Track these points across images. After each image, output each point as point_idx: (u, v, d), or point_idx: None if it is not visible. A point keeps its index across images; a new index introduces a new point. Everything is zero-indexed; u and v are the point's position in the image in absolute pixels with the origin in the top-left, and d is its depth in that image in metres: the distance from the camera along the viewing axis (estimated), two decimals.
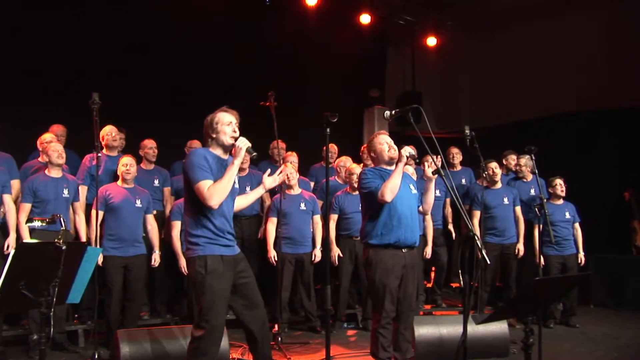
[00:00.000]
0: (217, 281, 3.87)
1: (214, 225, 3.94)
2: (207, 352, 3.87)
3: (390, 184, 4.60)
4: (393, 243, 4.74)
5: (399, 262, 4.75)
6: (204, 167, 3.90)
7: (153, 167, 7.07)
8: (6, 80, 7.18)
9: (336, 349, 6.10)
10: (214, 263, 3.89)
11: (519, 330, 6.16)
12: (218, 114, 4.19)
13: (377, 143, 4.94)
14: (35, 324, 5.58)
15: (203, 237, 3.93)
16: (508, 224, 7.38)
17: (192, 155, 3.97)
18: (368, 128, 11.15)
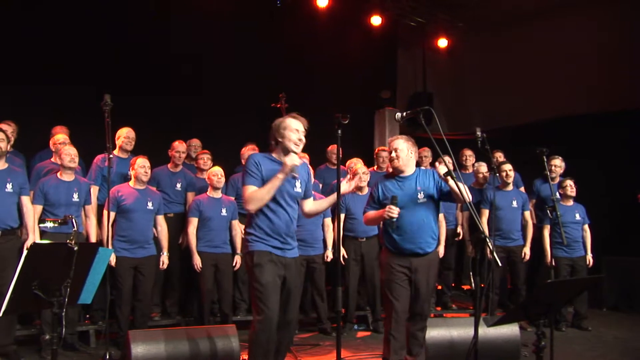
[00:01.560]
0: (264, 274, 4.06)
1: (266, 225, 4.13)
2: (259, 343, 4.04)
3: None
4: (396, 251, 4.79)
5: (407, 265, 4.76)
6: (253, 173, 4.11)
7: (179, 169, 7.08)
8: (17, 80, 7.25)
9: (347, 350, 6.10)
10: (261, 257, 4.09)
11: (530, 333, 6.15)
12: (287, 119, 4.26)
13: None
14: (47, 324, 5.61)
15: (254, 235, 4.15)
16: (513, 227, 7.35)
17: (248, 159, 4.22)
18: (379, 130, 11.13)
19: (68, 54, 7.74)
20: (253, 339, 4.05)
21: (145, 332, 5.21)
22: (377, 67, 11.15)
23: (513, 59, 10.49)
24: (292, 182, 4.22)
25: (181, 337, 5.03)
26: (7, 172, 5.66)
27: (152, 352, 4.86)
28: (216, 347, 5.06)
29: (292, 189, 4.23)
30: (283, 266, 4.17)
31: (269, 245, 4.13)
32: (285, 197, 4.19)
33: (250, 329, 4.09)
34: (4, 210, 5.58)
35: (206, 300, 6.48)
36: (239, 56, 9.01)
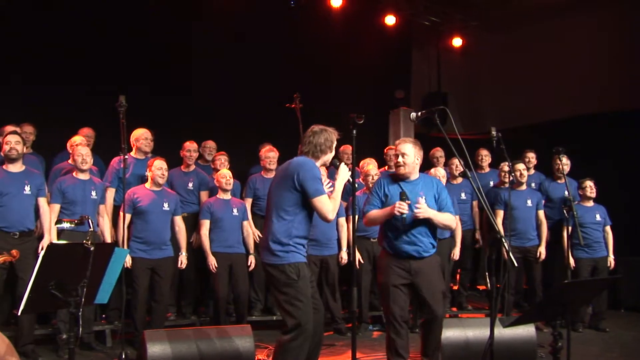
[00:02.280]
0: (306, 285, 4.15)
1: (305, 232, 4.21)
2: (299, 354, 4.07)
3: (372, 217, 4.85)
4: (393, 253, 4.78)
5: (405, 267, 4.73)
6: (320, 180, 4.14)
7: (192, 169, 7.11)
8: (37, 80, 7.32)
9: (361, 351, 6.09)
10: (304, 269, 4.16)
11: (546, 334, 6.11)
12: (333, 135, 4.31)
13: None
14: (64, 324, 5.65)
15: (293, 245, 4.13)
16: (529, 227, 7.30)
17: (312, 168, 4.15)
18: (393, 130, 11.10)
19: (91, 55, 7.83)
20: (291, 349, 4.04)
21: (161, 332, 5.23)
22: (391, 67, 11.11)
23: (527, 58, 10.42)
24: None
25: (197, 337, 5.04)
26: (24, 174, 5.73)
27: (167, 352, 4.88)
28: (231, 347, 5.07)
29: None
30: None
31: (303, 255, 4.19)
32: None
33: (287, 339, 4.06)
34: (22, 212, 5.66)
35: (221, 300, 6.50)
36: (253, 57, 9.02)
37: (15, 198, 5.62)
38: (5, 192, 5.58)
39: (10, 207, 5.59)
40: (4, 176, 5.64)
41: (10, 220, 5.58)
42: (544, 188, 7.84)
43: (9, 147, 5.61)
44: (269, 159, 7.11)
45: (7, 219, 5.58)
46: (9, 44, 7.30)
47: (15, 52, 7.34)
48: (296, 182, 4.09)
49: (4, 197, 5.58)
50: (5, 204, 5.58)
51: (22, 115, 6.64)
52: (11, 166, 5.68)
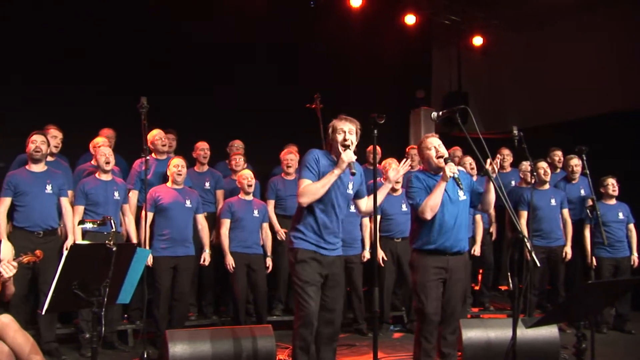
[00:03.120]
0: (305, 270, 4.19)
1: (314, 223, 4.24)
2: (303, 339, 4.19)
3: (430, 203, 4.55)
4: (434, 249, 4.65)
5: (442, 266, 4.65)
6: (311, 167, 4.21)
7: (206, 169, 7.15)
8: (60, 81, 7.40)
9: (383, 351, 6.07)
10: (304, 254, 4.21)
11: (569, 335, 6.06)
12: (334, 121, 4.37)
13: (424, 148, 4.79)
14: (87, 323, 5.71)
15: (300, 232, 4.26)
16: (554, 226, 7.21)
17: (306, 154, 4.31)
18: (414, 129, 11.07)
19: (114, 56, 7.91)
20: (295, 334, 4.19)
21: (183, 331, 5.25)
22: (411, 66, 11.08)
23: (549, 56, 10.33)
24: (345, 182, 4.31)
25: (218, 337, 5.05)
26: (47, 174, 5.81)
27: (189, 352, 4.90)
28: (252, 347, 5.08)
29: (345, 190, 4.34)
30: (326, 264, 4.25)
31: (313, 244, 4.23)
32: (338, 197, 4.29)
33: (294, 324, 4.23)
34: (45, 211, 5.73)
35: (240, 300, 6.52)
36: (273, 57, 9.05)
37: (37, 198, 5.69)
38: (28, 191, 5.66)
39: (32, 207, 5.66)
40: (26, 176, 5.72)
41: (33, 220, 5.65)
42: (560, 189, 7.76)
43: (34, 146, 5.69)
44: (287, 161, 7.13)
45: (30, 218, 5.65)
46: (28, 46, 7.39)
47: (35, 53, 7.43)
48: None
49: (26, 197, 5.65)
50: (28, 204, 5.66)
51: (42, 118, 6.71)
52: (34, 166, 5.76)
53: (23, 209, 5.65)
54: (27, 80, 7.31)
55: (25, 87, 7.30)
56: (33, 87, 7.30)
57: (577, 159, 7.44)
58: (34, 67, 7.36)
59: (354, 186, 4.40)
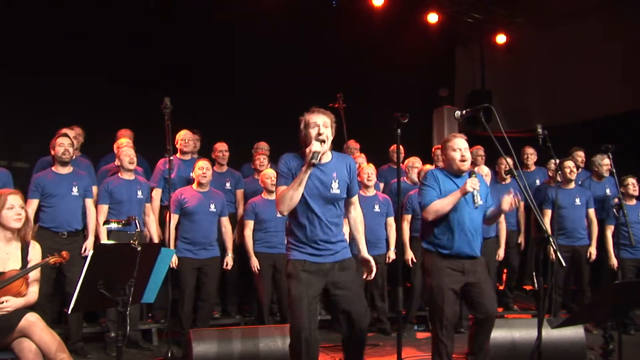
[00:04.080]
0: (295, 285, 3.91)
1: (301, 232, 3.98)
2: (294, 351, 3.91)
3: (438, 207, 4.44)
4: (449, 254, 4.53)
5: (459, 269, 4.53)
6: (283, 172, 3.95)
7: (225, 169, 7.17)
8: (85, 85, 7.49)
9: (407, 351, 6.04)
10: (297, 267, 3.95)
11: (596, 336, 5.97)
12: (305, 115, 4.07)
13: (449, 147, 4.62)
14: (113, 323, 5.77)
15: (291, 242, 4.06)
16: (578, 226, 7.12)
17: (279, 160, 4.02)
18: (437, 128, 11.03)
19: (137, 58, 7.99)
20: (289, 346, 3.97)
21: (207, 331, 5.29)
22: (434, 65, 11.04)
23: (573, 54, 10.23)
24: (327, 184, 3.92)
25: (241, 337, 5.07)
26: (73, 175, 5.88)
27: (213, 351, 4.92)
28: (276, 346, 5.09)
29: (327, 191, 3.93)
30: (323, 273, 3.95)
31: (304, 253, 3.96)
32: (318, 201, 3.92)
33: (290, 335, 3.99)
34: (71, 212, 5.80)
35: (265, 300, 6.53)
36: (296, 57, 9.05)
37: (64, 199, 5.76)
38: (54, 193, 5.73)
39: (58, 208, 5.74)
40: (53, 178, 5.79)
41: (59, 221, 5.73)
42: (585, 188, 7.66)
43: (62, 149, 5.75)
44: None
45: (56, 219, 5.72)
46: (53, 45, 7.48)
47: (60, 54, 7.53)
48: None
49: (52, 198, 5.72)
50: (54, 205, 5.73)
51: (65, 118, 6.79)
52: (60, 168, 5.83)
53: (49, 210, 5.72)
54: (51, 81, 7.40)
55: (48, 88, 7.39)
56: (57, 88, 7.40)
57: (607, 158, 7.34)
58: (57, 68, 7.44)
59: (340, 185, 3.98)
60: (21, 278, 4.04)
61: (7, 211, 4.13)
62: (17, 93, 7.19)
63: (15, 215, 4.16)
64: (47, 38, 7.43)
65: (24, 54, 7.28)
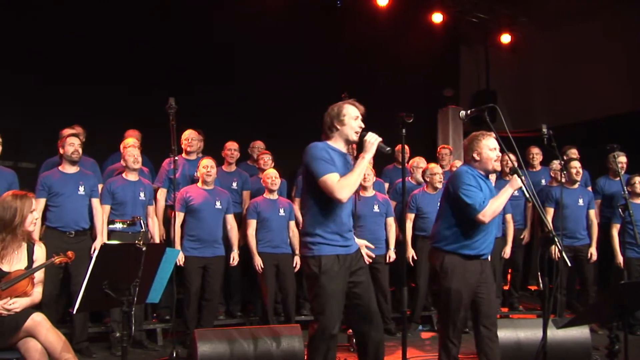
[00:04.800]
0: (331, 281, 3.80)
1: (334, 223, 3.86)
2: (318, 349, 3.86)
3: (494, 208, 4.24)
4: (473, 254, 4.37)
5: (477, 270, 4.40)
6: (328, 159, 3.81)
7: (234, 169, 7.18)
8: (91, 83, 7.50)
9: (411, 351, 6.05)
10: (328, 263, 3.81)
11: (601, 336, 5.96)
12: (345, 105, 4.03)
13: (485, 146, 4.39)
14: (117, 323, 5.78)
15: (320, 236, 3.84)
16: (579, 226, 7.12)
17: (312, 149, 3.88)
18: (442, 128, 11.03)
19: (143, 57, 8.00)
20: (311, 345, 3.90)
21: (211, 331, 5.29)
22: (439, 65, 11.02)
23: (578, 54, 10.20)
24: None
25: (246, 337, 5.07)
26: (79, 175, 5.90)
27: (218, 351, 4.92)
28: (281, 346, 5.09)
29: None
30: (349, 264, 3.90)
31: (336, 246, 3.85)
32: None
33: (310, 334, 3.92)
34: (77, 212, 5.81)
35: (269, 300, 6.53)
36: (300, 57, 9.05)
37: (70, 198, 5.77)
38: (61, 192, 5.74)
39: (65, 208, 5.75)
40: (59, 177, 5.81)
41: (65, 220, 5.74)
42: (600, 186, 7.64)
43: (72, 148, 5.78)
44: None
45: (63, 219, 5.74)
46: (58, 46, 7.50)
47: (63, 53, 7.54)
48: (304, 167, 3.91)
49: (59, 198, 5.74)
50: (61, 204, 5.74)
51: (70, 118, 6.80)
52: (67, 167, 5.84)
53: (56, 209, 5.73)
54: (54, 81, 7.40)
55: (52, 87, 7.39)
56: (61, 87, 7.39)
57: (624, 156, 7.32)
58: (61, 68, 7.45)
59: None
60: (27, 278, 4.05)
61: (30, 214, 4.14)
62: (21, 94, 7.20)
63: (34, 220, 4.19)
64: (50, 39, 7.44)
65: (27, 54, 7.29)
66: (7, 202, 4.10)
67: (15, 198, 4.12)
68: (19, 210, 4.08)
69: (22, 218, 4.10)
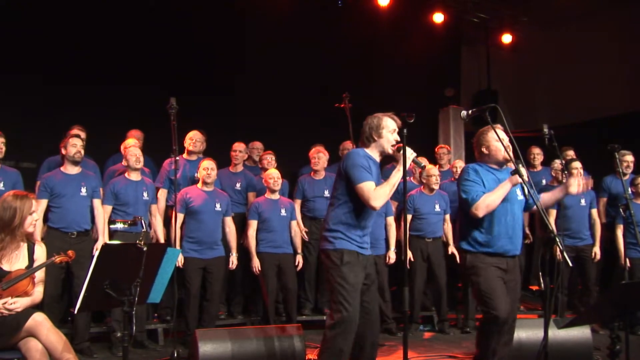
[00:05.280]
0: (352, 273, 4.03)
1: (359, 227, 4.13)
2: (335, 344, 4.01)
3: (489, 201, 4.18)
4: (495, 252, 4.28)
5: (503, 267, 4.29)
6: (367, 167, 4.04)
7: (240, 169, 7.16)
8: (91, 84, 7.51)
9: (413, 351, 6.04)
10: (350, 256, 4.06)
11: (602, 336, 5.95)
12: (385, 117, 4.25)
13: (492, 138, 4.34)
14: (119, 323, 5.78)
15: (342, 233, 4.09)
16: (582, 226, 7.11)
17: (354, 156, 4.11)
18: (443, 128, 11.03)
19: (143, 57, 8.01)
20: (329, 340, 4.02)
21: (213, 331, 5.29)
22: (440, 65, 11.03)
23: (579, 53, 10.20)
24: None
25: (247, 337, 5.07)
26: (81, 176, 5.90)
27: (219, 351, 4.92)
28: (282, 346, 5.09)
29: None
30: (365, 265, 4.17)
31: (355, 245, 4.10)
32: None
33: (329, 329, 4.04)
34: (79, 212, 5.82)
35: (270, 300, 6.53)
36: (301, 57, 9.06)
37: (72, 199, 5.78)
38: (63, 193, 5.75)
39: (67, 208, 5.76)
40: (61, 178, 5.82)
41: (67, 221, 5.75)
42: (606, 186, 7.62)
43: (75, 149, 5.79)
44: (315, 159, 7.13)
45: (65, 219, 5.74)
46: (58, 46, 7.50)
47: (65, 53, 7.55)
48: (342, 170, 4.12)
49: (61, 199, 5.74)
50: (63, 205, 5.75)
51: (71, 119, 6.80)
52: (69, 168, 5.85)
53: (58, 210, 5.74)
54: (56, 81, 7.39)
55: (54, 87, 7.39)
56: (62, 88, 7.39)
57: (631, 155, 7.30)
58: (62, 69, 7.47)
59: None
60: (28, 278, 4.05)
61: (30, 216, 4.14)
62: (23, 94, 7.20)
63: (34, 221, 4.18)
64: (52, 39, 7.42)
65: (28, 55, 7.29)
66: (7, 202, 4.09)
67: (16, 198, 4.12)
68: (18, 210, 4.08)
69: (21, 219, 4.09)
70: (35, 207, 4.18)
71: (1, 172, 5.74)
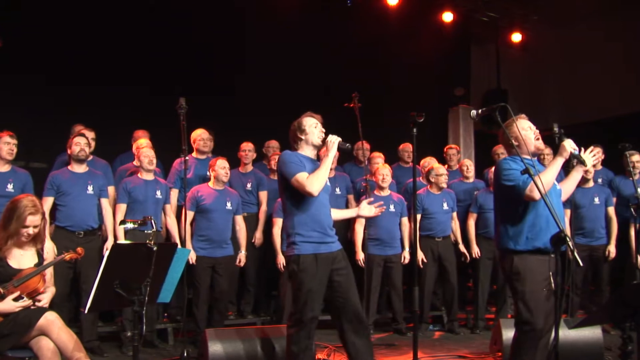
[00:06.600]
0: (309, 279, 4.07)
1: (312, 221, 4.16)
2: (297, 342, 4.15)
3: (544, 179, 3.84)
4: (542, 247, 3.99)
5: (549, 268, 3.94)
6: (298, 162, 4.16)
7: (249, 169, 7.15)
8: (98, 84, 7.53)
9: (422, 351, 6.02)
10: (306, 261, 4.09)
11: (613, 336, 5.93)
12: (304, 118, 4.47)
13: (520, 128, 4.13)
14: (129, 322, 5.81)
15: (300, 235, 4.14)
16: (597, 225, 7.03)
17: (284, 155, 4.26)
18: (453, 128, 11.00)
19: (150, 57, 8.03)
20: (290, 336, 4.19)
21: (222, 330, 5.29)
22: (450, 64, 11.00)
23: (590, 52, 10.15)
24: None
25: (257, 336, 5.07)
26: (88, 175, 5.92)
27: (229, 351, 4.92)
28: None
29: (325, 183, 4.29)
30: (330, 262, 4.17)
31: (316, 243, 4.14)
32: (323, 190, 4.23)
33: (288, 325, 4.24)
34: (86, 211, 5.83)
35: (287, 300, 6.50)
36: (311, 56, 9.05)
37: (79, 198, 5.79)
38: (70, 192, 5.76)
39: (73, 207, 5.77)
40: (68, 176, 5.83)
41: (74, 220, 5.75)
42: (615, 185, 7.56)
43: (78, 148, 5.80)
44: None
45: (72, 218, 5.75)
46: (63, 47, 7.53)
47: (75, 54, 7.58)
48: (279, 175, 4.28)
49: (68, 197, 5.76)
50: (69, 204, 5.76)
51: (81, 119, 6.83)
52: (76, 167, 5.87)
53: (65, 208, 5.75)
54: (67, 81, 7.42)
55: (64, 88, 7.40)
56: (73, 88, 7.41)
57: (637, 155, 7.25)
58: (71, 69, 7.50)
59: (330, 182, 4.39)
60: (38, 275, 4.07)
61: (22, 229, 4.11)
62: (32, 95, 7.22)
63: (26, 234, 4.13)
64: (59, 40, 7.45)
65: (37, 56, 7.31)
66: (13, 204, 4.11)
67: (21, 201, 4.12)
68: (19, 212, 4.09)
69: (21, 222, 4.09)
70: (29, 223, 4.12)
71: (12, 173, 5.74)
